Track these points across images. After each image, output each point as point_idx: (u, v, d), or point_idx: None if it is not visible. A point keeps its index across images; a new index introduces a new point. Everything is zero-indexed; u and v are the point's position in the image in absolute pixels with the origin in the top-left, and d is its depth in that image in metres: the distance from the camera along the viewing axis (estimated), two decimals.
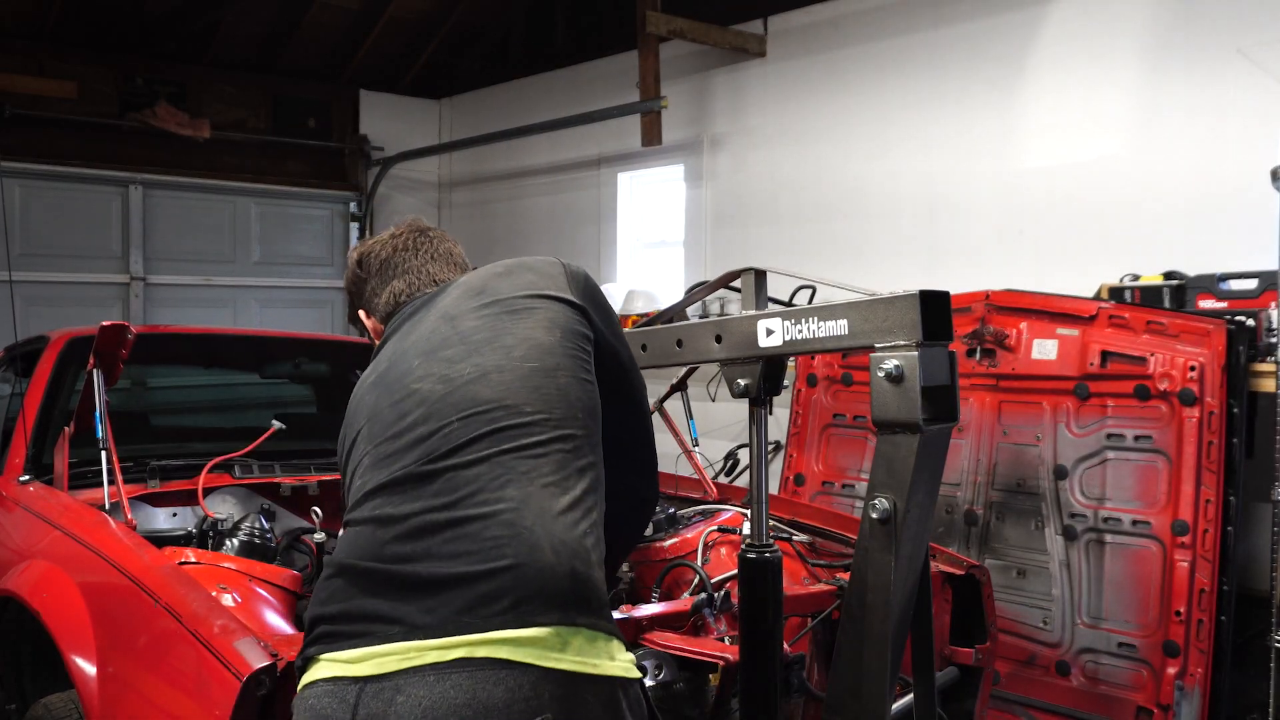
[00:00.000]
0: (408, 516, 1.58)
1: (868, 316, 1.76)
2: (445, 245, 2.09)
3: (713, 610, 2.25)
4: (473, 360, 1.71)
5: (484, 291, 1.84)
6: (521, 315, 1.77)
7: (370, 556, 1.57)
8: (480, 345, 1.73)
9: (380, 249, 2.07)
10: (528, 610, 1.47)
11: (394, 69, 8.31)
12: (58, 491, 2.91)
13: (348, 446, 1.79)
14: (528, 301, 1.79)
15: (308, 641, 1.57)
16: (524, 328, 1.75)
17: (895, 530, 1.73)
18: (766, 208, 6.01)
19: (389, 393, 1.75)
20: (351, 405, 1.85)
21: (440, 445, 1.62)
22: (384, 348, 1.91)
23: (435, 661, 1.44)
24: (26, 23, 6.86)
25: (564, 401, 1.68)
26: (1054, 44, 4.75)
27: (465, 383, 1.68)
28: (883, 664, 1.77)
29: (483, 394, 1.66)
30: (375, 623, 1.50)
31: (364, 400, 1.81)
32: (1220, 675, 3.38)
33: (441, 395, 1.67)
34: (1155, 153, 4.40)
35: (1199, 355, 3.48)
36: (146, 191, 7.44)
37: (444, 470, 1.60)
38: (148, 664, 2.01)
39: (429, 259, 2.04)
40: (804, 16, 5.81)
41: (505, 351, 1.71)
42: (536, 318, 1.77)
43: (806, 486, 4.50)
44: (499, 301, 1.80)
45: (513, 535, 1.52)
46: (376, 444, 1.70)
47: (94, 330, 2.80)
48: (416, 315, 1.91)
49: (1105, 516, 3.63)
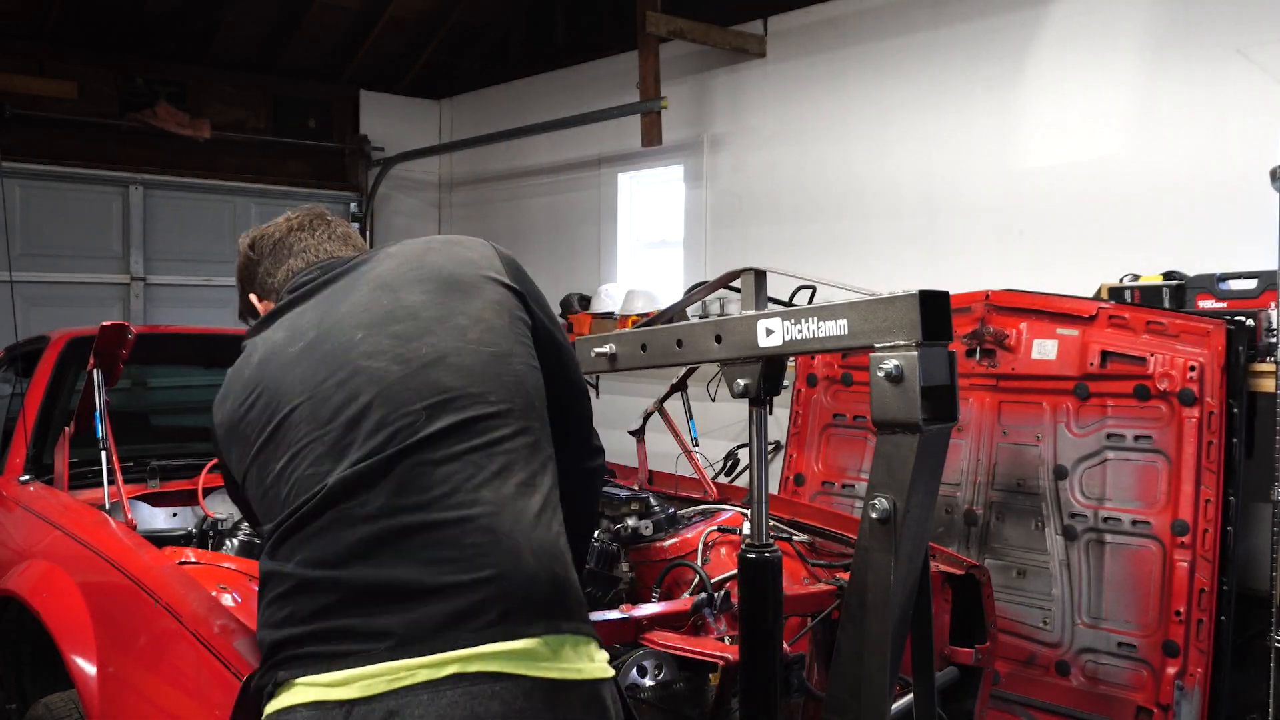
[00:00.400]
0: (376, 517, 1.48)
1: (867, 316, 1.76)
2: (343, 229, 2.00)
3: (713, 610, 2.25)
4: (428, 340, 1.62)
5: (423, 265, 1.73)
6: (469, 294, 1.69)
7: (336, 564, 1.47)
8: (432, 323, 1.64)
9: (274, 231, 1.98)
10: (516, 621, 1.45)
11: (394, 69, 8.31)
12: (58, 491, 2.91)
13: (274, 422, 1.61)
14: (472, 280, 1.71)
15: (273, 664, 1.47)
16: (474, 308, 1.67)
17: (895, 530, 1.73)
18: (766, 208, 6.01)
19: (329, 366, 1.62)
20: (267, 373, 1.67)
21: (404, 436, 1.53)
22: (291, 312, 1.76)
23: (428, 680, 1.39)
24: (26, 23, 6.86)
25: (521, 390, 1.64)
26: (1054, 44, 4.75)
27: (424, 365, 1.59)
28: (883, 664, 1.77)
29: (445, 380, 1.58)
30: (354, 640, 1.42)
31: (292, 371, 1.64)
32: (1220, 675, 3.38)
33: (400, 377, 1.57)
34: (1155, 153, 4.40)
35: (1199, 355, 3.48)
36: (146, 191, 7.44)
37: (412, 465, 1.51)
38: (148, 664, 2.01)
39: (326, 239, 1.94)
40: (804, 16, 5.81)
41: (460, 332, 1.63)
42: (485, 298, 1.69)
43: (806, 486, 4.50)
44: (443, 278, 1.70)
45: (493, 542, 1.48)
46: (324, 425, 1.57)
47: (94, 330, 2.80)
48: (340, 281, 1.76)
49: (1105, 516, 3.63)
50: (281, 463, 1.59)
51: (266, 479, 1.61)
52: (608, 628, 2.10)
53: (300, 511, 1.52)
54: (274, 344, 1.72)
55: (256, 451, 1.63)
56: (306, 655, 1.44)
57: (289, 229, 1.96)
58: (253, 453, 1.64)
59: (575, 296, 6.88)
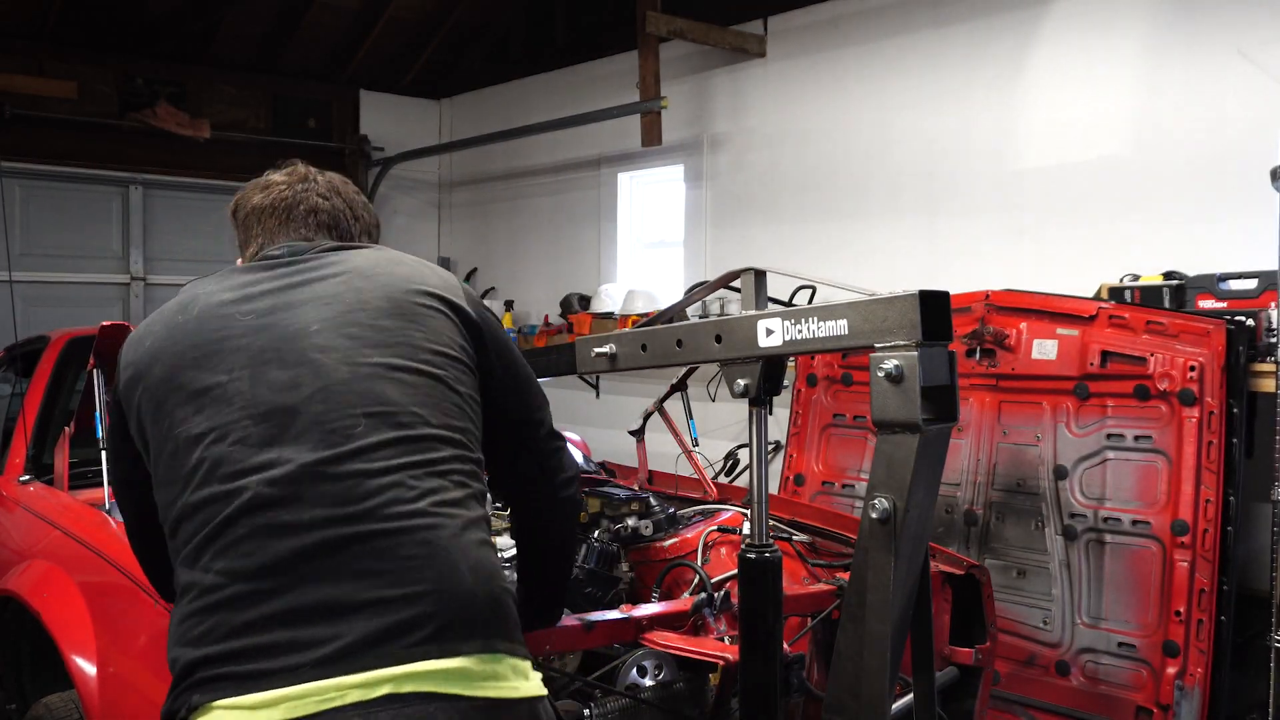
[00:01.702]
0: (309, 527, 1.40)
1: (867, 316, 1.76)
2: (327, 215, 1.86)
3: (713, 610, 2.25)
4: (380, 351, 1.56)
5: (392, 276, 1.67)
6: (428, 316, 1.64)
7: (262, 575, 1.38)
8: (388, 335, 1.59)
9: (256, 199, 1.86)
10: (450, 638, 1.38)
11: (394, 69, 8.31)
12: (58, 491, 2.92)
13: (205, 385, 1.52)
14: (431, 300, 1.67)
15: (187, 687, 1.37)
16: (431, 327, 1.63)
17: (895, 530, 1.73)
18: (766, 208, 6.01)
19: (278, 347, 1.55)
20: (207, 330, 1.59)
21: (341, 441, 1.46)
22: (247, 277, 1.69)
23: (359, 700, 1.31)
24: (26, 23, 6.86)
25: (464, 418, 1.61)
26: (1054, 43, 4.75)
27: (371, 375, 1.53)
28: (883, 664, 1.77)
29: (390, 394, 1.53)
30: (275, 657, 1.33)
31: (237, 339, 1.57)
32: (1220, 675, 3.38)
33: (344, 379, 1.51)
34: (1155, 152, 4.40)
35: (1199, 355, 3.48)
36: (146, 191, 7.44)
37: (347, 474, 1.44)
38: (148, 664, 2.01)
39: (302, 225, 1.83)
40: (804, 16, 5.80)
41: (412, 351, 1.59)
42: (440, 321, 1.65)
43: (806, 486, 4.49)
44: (406, 293, 1.65)
45: (429, 555, 1.42)
46: (257, 405, 1.49)
47: (94, 330, 2.80)
48: (308, 266, 1.69)
49: (1105, 516, 3.63)
50: (200, 428, 1.50)
51: (179, 439, 1.51)
52: (608, 628, 2.11)
53: (221, 515, 1.42)
54: (221, 303, 1.64)
55: (175, 407, 1.53)
56: (227, 675, 1.34)
57: (269, 206, 1.85)
58: (169, 407, 1.54)
59: (575, 296, 6.88)
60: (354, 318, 1.60)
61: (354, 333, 1.58)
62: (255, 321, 1.59)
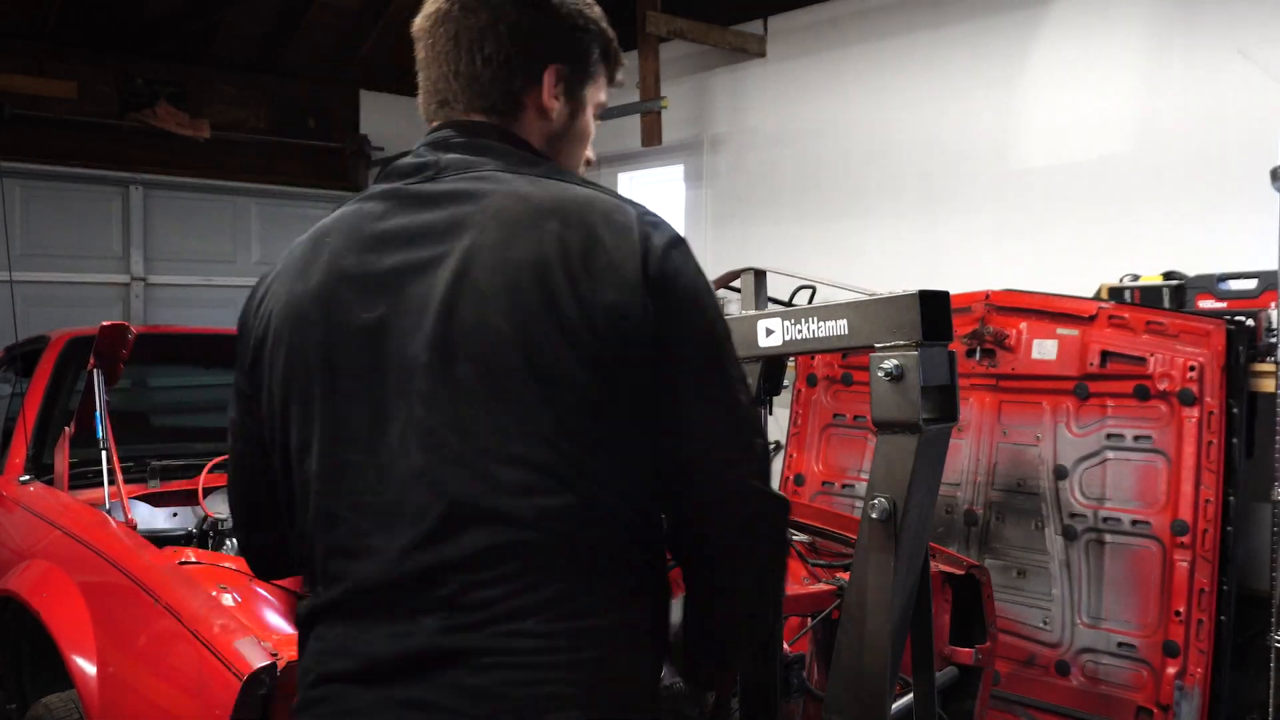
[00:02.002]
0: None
1: (868, 316, 1.76)
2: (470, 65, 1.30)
3: None
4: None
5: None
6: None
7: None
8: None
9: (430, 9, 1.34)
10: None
11: (394, 69, 8.30)
12: (58, 491, 2.92)
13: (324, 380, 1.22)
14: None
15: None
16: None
17: (895, 530, 1.73)
18: (766, 208, 6.01)
19: (479, 318, 1.16)
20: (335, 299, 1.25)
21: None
22: (383, 207, 1.30)
23: None
24: (26, 23, 6.86)
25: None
26: (1054, 43, 4.75)
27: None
28: (883, 664, 1.77)
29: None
30: None
31: (462, 294, 1.16)
32: (1220, 675, 3.38)
33: (456, 454, 1.22)
34: (1155, 152, 4.40)
35: (1199, 355, 3.48)
36: (147, 191, 7.43)
37: None
38: (148, 664, 2.01)
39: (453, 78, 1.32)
40: (804, 16, 5.81)
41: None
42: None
43: (806, 486, 4.50)
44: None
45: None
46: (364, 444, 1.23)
47: (94, 330, 2.81)
48: (440, 214, 1.24)
49: (1105, 516, 3.63)
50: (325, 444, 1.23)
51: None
52: None
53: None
54: (358, 244, 1.27)
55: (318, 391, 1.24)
56: None
57: (434, 18, 1.32)
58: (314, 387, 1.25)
59: None
60: (471, 342, 1.22)
61: (463, 374, 1.22)
62: (463, 277, 1.18)
